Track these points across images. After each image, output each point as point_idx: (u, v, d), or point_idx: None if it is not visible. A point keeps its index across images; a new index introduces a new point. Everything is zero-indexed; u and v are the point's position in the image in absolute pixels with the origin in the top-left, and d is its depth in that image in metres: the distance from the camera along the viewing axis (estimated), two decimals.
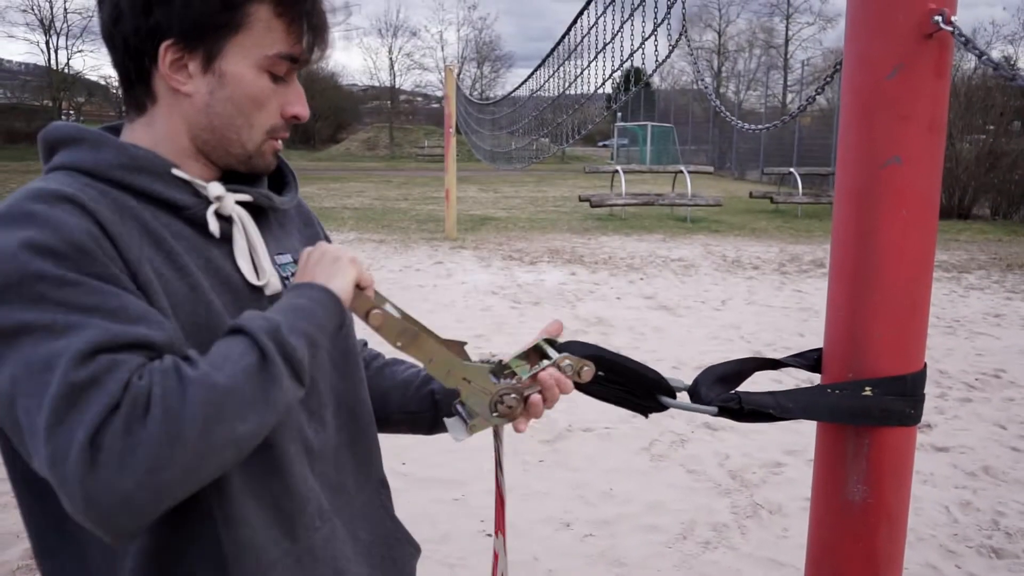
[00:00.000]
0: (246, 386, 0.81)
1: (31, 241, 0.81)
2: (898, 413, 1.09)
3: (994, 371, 5.65)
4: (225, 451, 0.80)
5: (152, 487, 0.75)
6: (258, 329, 0.84)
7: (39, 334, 0.78)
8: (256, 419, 0.82)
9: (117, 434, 0.75)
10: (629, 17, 3.66)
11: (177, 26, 0.92)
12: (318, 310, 0.91)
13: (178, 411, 0.76)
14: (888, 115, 1.02)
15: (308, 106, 1.02)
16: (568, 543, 3.19)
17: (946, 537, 3.27)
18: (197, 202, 0.96)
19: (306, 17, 0.96)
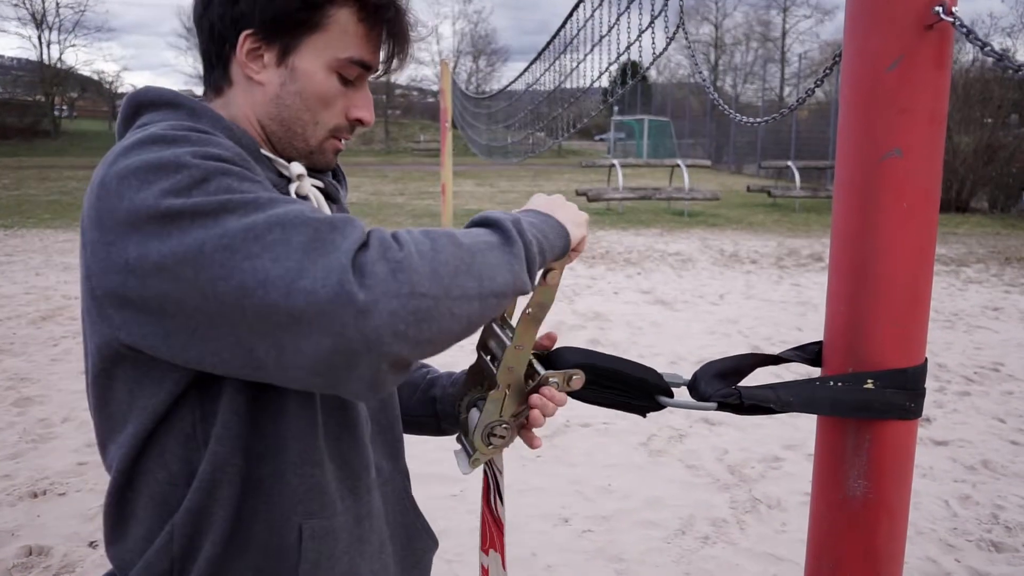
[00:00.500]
0: (490, 253, 0.86)
1: (196, 151, 0.84)
2: (899, 407, 1.08)
3: (993, 364, 5.66)
4: (474, 303, 0.84)
5: (415, 312, 0.78)
6: (500, 217, 0.91)
7: (246, 208, 0.80)
8: (503, 283, 0.86)
9: (375, 260, 0.78)
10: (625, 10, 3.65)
11: (259, 18, 0.96)
12: (550, 232, 0.97)
13: (430, 252, 0.81)
14: (888, 108, 1.01)
15: (373, 112, 1.06)
16: (566, 538, 3.18)
17: (945, 531, 3.27)
18: (279, 180, 1.01)
19: (385, 26, 1.00)
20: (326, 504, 0.98)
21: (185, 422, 0.91)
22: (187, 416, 0.91)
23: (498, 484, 1.15)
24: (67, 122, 39.00)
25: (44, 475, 3.61)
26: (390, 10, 0.99)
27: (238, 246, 0.77)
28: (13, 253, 9.63)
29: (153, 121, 0.94)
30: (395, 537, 1.13)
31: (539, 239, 0.93)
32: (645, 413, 1.16)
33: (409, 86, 49.90)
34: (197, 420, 0.91)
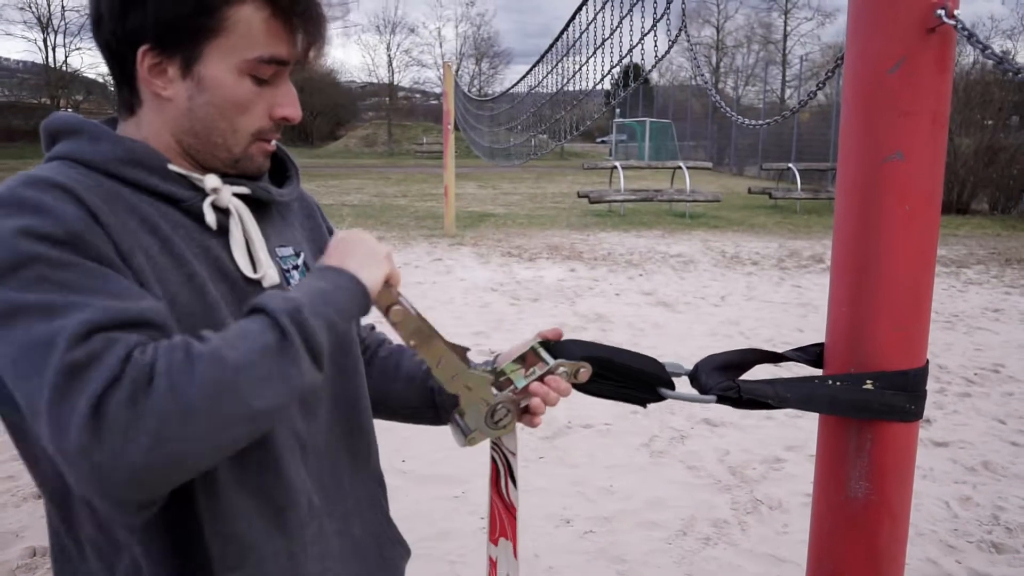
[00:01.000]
0: (262, 363, 0.79)
1: (26, 227, 0.81)
2: (899, 408, 1.09)
3: (993, 366, 5.65)
4: (238, 427, 0.78)
5: (160, 459, 0.74)
6: (278, 309, 0.83)
7: (36, 315, 0.77)
8: (272, 396, 0.80)
9: (121, 405, 0.73)
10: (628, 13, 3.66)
11: (152, 31, 0.90)
12: (342, 297, 0.89)
13: (185, 384, 0.75)
14: (890, 110, 1.02)
15: (300, 106, 1.00)
16: (568, 540, 3.19)
17: (946, 532, 3.27)
18: (194, 195, 0.96)
19: (293, 18, 0.93)
20: (246, 554, 0.94)
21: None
22: None
23: (510, 467, 1.14)
24: None
25: None
26: (301, 3, 0.93)
27: (17, 360, 0.77)
28: None
29: (60, 152, 0.94)
30: (363, 548, 1.11)
31: (328, 316, 0.86)
32: (646, 404, 1.17)
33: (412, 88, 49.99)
34: None
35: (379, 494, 1.18)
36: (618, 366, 1.13)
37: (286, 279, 1.04)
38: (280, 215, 1.09)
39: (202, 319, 0.91)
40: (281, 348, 0.81)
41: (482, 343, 5.84)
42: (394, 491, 1.24)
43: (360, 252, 0.95)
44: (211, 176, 0.97)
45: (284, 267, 1.05)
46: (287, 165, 1.13)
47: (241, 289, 0.97)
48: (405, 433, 1.31)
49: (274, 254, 1.04)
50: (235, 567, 0.93)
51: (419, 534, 3.10)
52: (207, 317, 0.91)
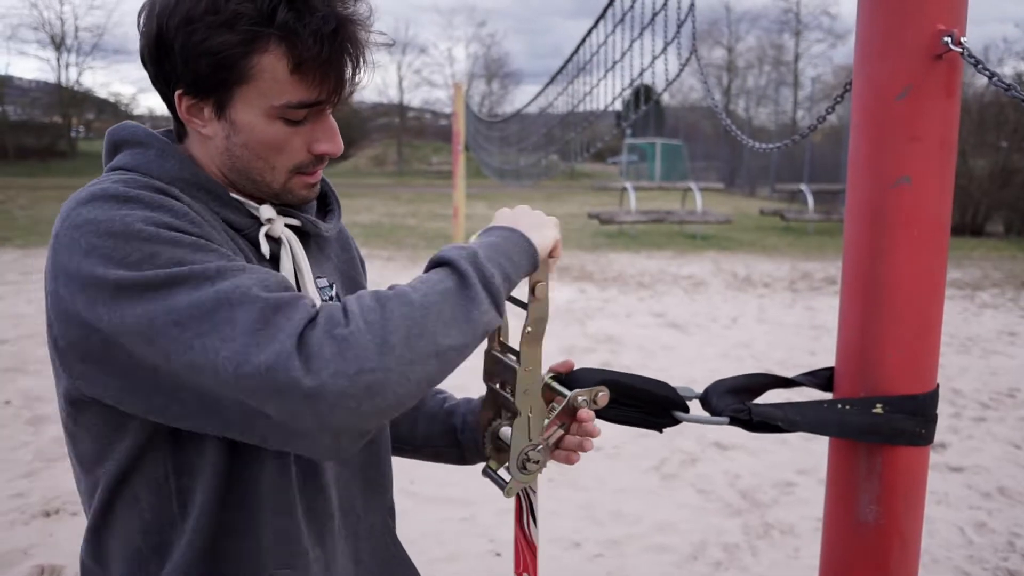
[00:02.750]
0: (444, 304, 0.84)
1: (149, 218, 0.84)
2: (909, 432, 1.08)
3: (1008, 390, 5.60)
4: (429, 362, 0.81)
5: (366, 387, 0.77)
6: (456, 256, 0.88)
7: (195, 282, 0.80)
8: (459, 335, 0.84)
9: (322, 337, 0.77)
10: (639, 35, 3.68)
11: (183, 78, 0.92)
12: (513, 249, 0.94)
13: (377, 319, 0.79)
14: (898, 136, 1.02)
15: (340, 141, 1.01)
16: (578, 563, 3.16)
17: (961, 559, 3.23)
18: (250, 223, 0.99)
19: (317, 65, 0.91)
20: (297, 554, 0.97)
21: (157, 471, 0.91)
22: (159, 465, 0.91)
23: (531, 505, 1.14)
24: (84, 143, 39.46)
25: (57, 494, 3.62)
26: (324, 47, 0.90)
27: (186, 323, 0.79)
28: (30, 272, 9.71)
29: (124, 163, 0.96)
30: (373, 574, 1.12)
31: (502, 265, 0.91)
32: (662, 429, 1.17)
33: (422, 108, 50.27)
34: (170, 470, 0.91)
35: (391, 522, 1.19)
36: (633, 390, 1.13)
37: None
38: (318, 247, 1.11)
39: None
40: (461, 290, 0.86)
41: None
42: (403, 513, 1.24)
43: (530, 217, 1.00)
44: (267, 207, 0.99)
45: (323, 298, 1.07)
46: (330, 199, 1.15)
47: None
48: None
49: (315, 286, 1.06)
50: (286, 563, 0.96)
51: (428, 556, 3.09)
52: None
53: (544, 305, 1.01)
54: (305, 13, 0.89)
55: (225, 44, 0.88)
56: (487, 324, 0.87)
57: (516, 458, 1.04)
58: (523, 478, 1.06)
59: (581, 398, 1.08)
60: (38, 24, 37.30)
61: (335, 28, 0.90)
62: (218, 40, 0.88)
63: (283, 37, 0.89)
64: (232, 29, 0.88)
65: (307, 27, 0.89)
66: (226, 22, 0.88)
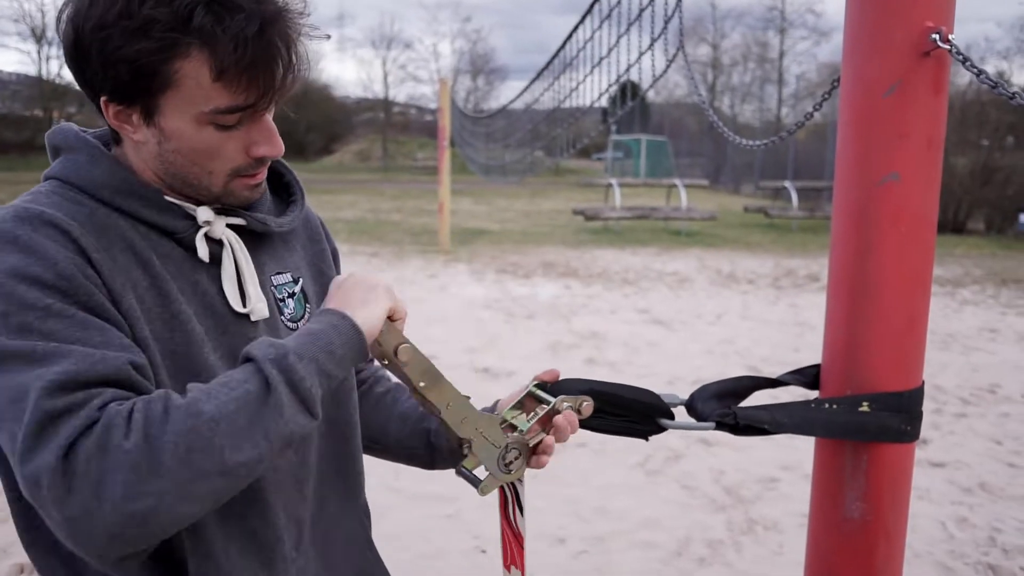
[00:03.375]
0: (239, 414, 0.77)
1: (16, 269, 0.81)
2: (895, 430, 1.08)
3: (989, 386, 5.65)
4: (212, 480, 0.76)
5: (132, 513, 0.73)
6: (263, 356, 0.81)
7: (19, 362, 0.77)
8: (251, 449, 0.78)
9: (91, 454, 0.73)
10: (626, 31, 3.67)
11: (103, 86, 0.87)
12: (336, 338, 0.86)
13: (157, 435, 0.74)
14: (886, 133, 1.02)
15: (279, 142, 0.94)
16: (562, 560, 3.17)
17: (943, 554, 3.26)
18: (188, 225, 0.94)
19: (242, 70, 0.84)
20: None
21: None
22: None
23: (518, 495, 1.13)
24: None
25: None
26: (247, 50, 0.84)
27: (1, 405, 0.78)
28: None
29: (58, 172, 0.93)
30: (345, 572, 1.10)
31: (318, 360, 0.83)
32: (648, 437, 1.16)
33: (407, 104, 50.14)
34: None
35: (366, 524, 1.17)
36: (617, 399, 1.12)
37: (279, 308, 1.03)
38: (281, 240, 1.07)
39: (184, 357, 0.90)
40: (263, 396, 0.79)
41: (476, 360, 5.83)
42: (387, 509, 1.24)
43: (356, 290, 0.91)
44: (204, 208, 0.95)
45: (279, 296, 1.04)
46: (293, 189, 1.10)
47: (228, 323, 0.96)
48: None
49: (269, 283, 1.02)
50: None
51: (413, 552, 3.08)
52: (191, 354, 0.90)
53: (418, 360, 0.95)
54: (225, 15, 0.83)
55: (142, 52, 0.83)
56: (291, 433, 0.81)
57: (495, 461, 1.04)
58: (502, 478, 1.05)
59: (566, 404, 1.08)
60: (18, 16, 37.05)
61: (260, 28, 0.84)
62: (134, 47, 0.83)
63: (203, 42, 0.83)
64: (147, 36, 0.82)
65: (228, 30, 0.83)
66: (140, 28, 0.82)
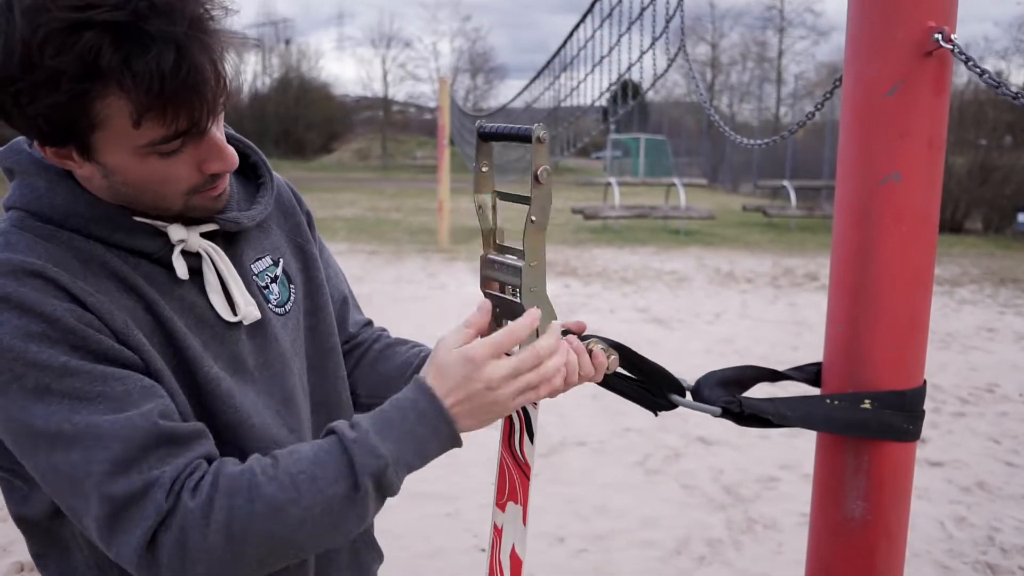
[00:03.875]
0: (325, 518, 0.81)
1: (18, 329, 0.79)
2: (896, 428, 1.08)
3: (987, 386, 5.66)
4: (284, 561, 0.83)
5: None
6: (362, 466, 0.83)
7: (54, 444, 0.79)
8: (328, 542, 0.84)
9: (172, 554, 0.77)
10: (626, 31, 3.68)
11: (31, 136, 0.83)
12: (435, 448, 0.89)
13: (240, 539, 0.78)
14: (887, 132, 1.02)
15: (231, 155, 0.89)
16: (562, 558, 3.17)
17: (941, 553, 3.27)
18: (161, 244, 0.91)
19: (165, 101, 0.77)
20: None
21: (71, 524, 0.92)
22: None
23: (528, 420, 1.06)
24: None
25: None
26: (167, 82, 0.76)
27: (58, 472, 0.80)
28: None
29: (12, 200, 0.89)
30: (341, 552, 1.12)
31: (411, 465, 0.88)
32: (657, 412, 1.17)
33: (407, 102, 50.10)
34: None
35: None
36: (640, 360, 1.12)
37: (264, 297, 1.02)
38: (257, 228, 1.05)
39: (190, 374, 0.90)
40: (350, 500, 0.82)
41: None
42: (386, 508, 1.23)
43: (478, 396, 0.88)
44: (175, 227, 0.91)
45: (261, 283, 1.02)
46: (260, 170, 1.07)
47: (222, 333, 0.95)
48: None
49: (250, 272, 1.01)
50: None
51: (412, 551, 3.08)
52: (195, 371, 0.90)
53: (548, 191, 0.94)
54: (134, 51, 0.75)
55: (56, 105, 0.77)
56: (361, 528, 0.87)
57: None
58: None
59: (600, 346, 1.05)
60: None
61: (175, 57, 0.76)
62: (45, 102, 0.76)
63: (117, 83, 0.76)
64: (56, 89, 0.76)
65: (140, 67, 0.75)
66: (47, 82, 0.75)
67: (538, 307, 0.94)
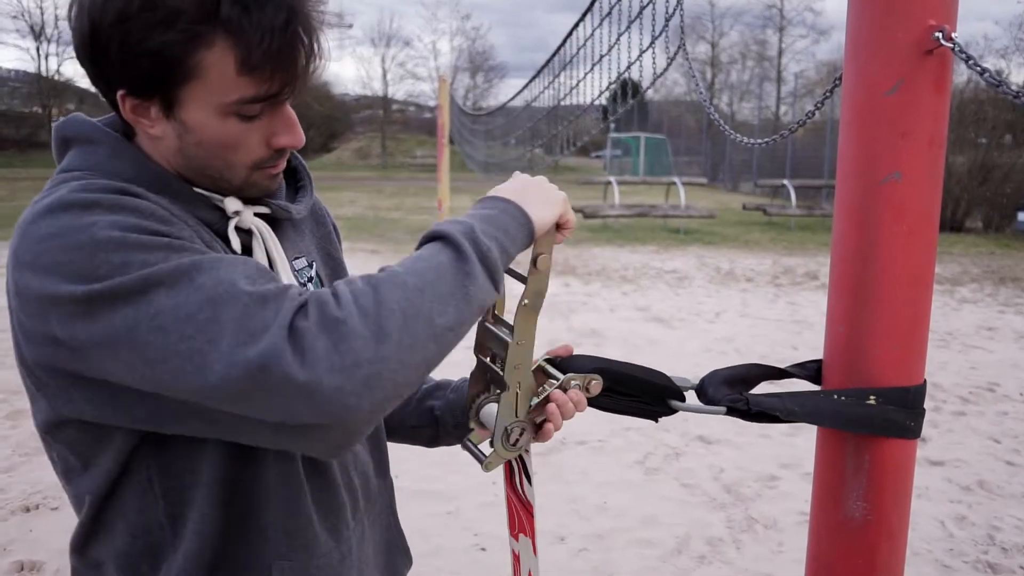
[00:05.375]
0: (440, 282, 0.81)
1: (117, 223, 0.79)
2: (899, 425, 1.08)
3: (988, 384, 5.66)
4: (428, 346, 0.79)
5: (363, 381, 0.75)
6: (450, 230, 0.85)
7: (172, 283, 0.76)
8: (455, 313, 0.81)
9: (315, 331, 0.74)
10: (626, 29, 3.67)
11: (122, 79, 0.86)
12: (510, 224, 0.91)
13: (373, 308, 0.76)
14: (888, 131, 1.02)
15: (301, 132, 0.94)
16: (562, 558, 3.17)
17: (942, 552, 3.27)
18: (218, 216, 0.94)
19: (267, 59, 0.84)
20: (299, 546, 0.95)
21: (141, 475, 0.88)
22: (142, 469, 0.88)
23: (525, 466, 1.12)
24: None
25: (37, 489, 3.58)
26: (274, 40, 0.83)
27: (170, 326, 0.75)
28: None
29: (73, 164, 0.90)
30: (377, 556, 1.12)
31: (499, 239, 0.88)
32: (658, 418, 1.16)
33: (406, 101, 50.07)
34: (153, 473, 0.88)
35: (392, 500, 1.19)
36: (629, 379, 1.12)
37: None
38: (292, 226, 1.08)
39: None
40: (457, 264, 0.83)
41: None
42: None
43: (534, 191, 0.97)
44: (231, 199, 0.95)
45: (300, 280, 1.04)
46: (300, 174, 1.10)
47: None
48: (397, 449, 1.29)
49: (292, 269, 1.03)
50: (285, 557, 0.94)
51: (413, 551, 3.07)
52: None
53: (544, 278, 0.99)
54: (253, 6, 0.82)
55: (166, 44, 0.81)
56: (484, 300, 0.85)
57: (499, 433, 1.03)
58: (505, 454, 1.05)
59: (574, 383, 1.07)
60: (17, 13, 36.87)
61: (286, 18, 0.84)
62: (158, 39, 0.81)
63: (229, 32, 0.82)
64: (172, 27, 0.81)
65: (255, 20, 0.82)
66: (164, 20, 0.81)
67: (519, 382, 1.01)
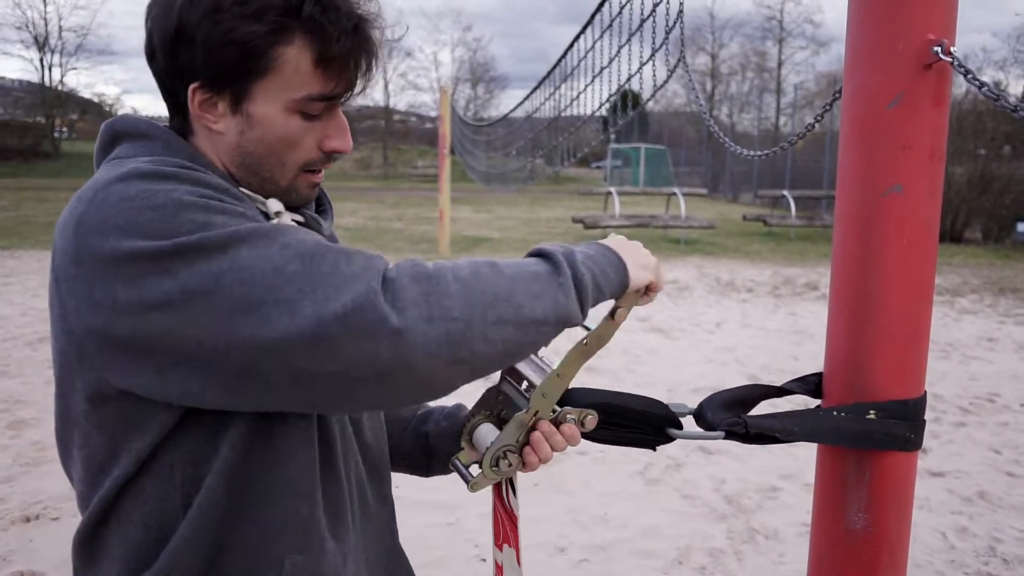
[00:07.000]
0: (533, 284, 0.86)
1: (193, 191, 0.83)
2: (900, 438, 1.09)
3: (988, 395, 5.66)
4: (509, 329, 0.83)
5: (448, 335, 0.79)
6: (552, 249, 0.92)
7: (257, 238, 0.80)
8: (543, 310, 0.86)
9: (407, 281, 0.79)
10: (627, 41, 3.69)
11: (202, 70, 0.91)
12: (608, 267, 0.95)
13: (467, 276, 0.82)
14: (888, 144, 1.03)
15: (350, 138, 1.01)
16: (563, 569, 3.16)
17: (943, 564, 3.26)
18: (261, 217, 0.97)
19: (340, 57, 0.92)
20: (312, 540, 0.95)
21: (164, 462, 0.89)
22: (167, 456, 0.89)
23: (511, 480, 1.13)
24: (67, 144, 39.10)
25: (37, 499, 3.58)
26: (346, 41, 0.92)
27: (258, 279, 0.77)
28: (11, 274, 9.61)
29: (128, 154, 0.92)
30: (376, 571, 1.12)
31: (594, 272, 0.92)
32: (655, 447, 1.16)
33: (408, 112, 50.18)
34: (176, 460, 0.89)
35: (393, 519, 1.19)
36: (624, 411, 1.12)
37: None
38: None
39: None
40: (551, 276, 0.88)
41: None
42: None
43: (635, 251, 1.02)
44: (274, 200, 0.99)
45: None
46: (323, 200, 1.14)
47: None
48: None
49: None
50: (299, 551, 0.95)
51: (414, 561, 3.06)
52: None
53: (613, 330, 1.03)
54: (330, 9, 0.91)
55: (252, 34, 0.89)
56: (568, 316, 0.89)
57: (492, 454, 1.04)
58: (493, 476, 1.06)
59: (570, 416, 1.08)
60: (21, 24, 37.05)
61: (356, 24, 0.93)
62: (246, 30, 0.89)
63: (308, 30, 0.90)
64: (260, 20, 0.89)
65: (332, 20, 0.91)
66: (254, 13, 0.89)
67: (537, 411, 1.04)
